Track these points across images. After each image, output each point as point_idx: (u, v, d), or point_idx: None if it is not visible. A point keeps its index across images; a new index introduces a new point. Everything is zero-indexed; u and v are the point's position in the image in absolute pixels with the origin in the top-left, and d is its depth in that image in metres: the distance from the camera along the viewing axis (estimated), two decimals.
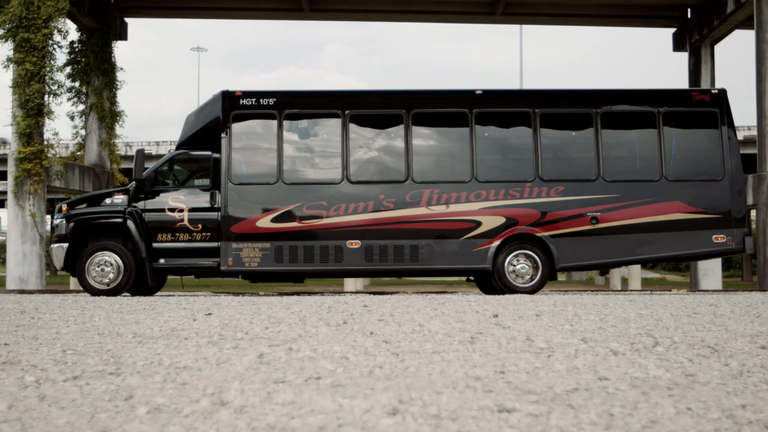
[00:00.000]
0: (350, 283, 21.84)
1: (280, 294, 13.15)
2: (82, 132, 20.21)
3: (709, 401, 2.71)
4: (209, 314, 6.41)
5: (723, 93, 11.78)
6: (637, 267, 23.86)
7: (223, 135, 11.35)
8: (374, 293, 13.33)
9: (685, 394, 2.85)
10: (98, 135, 19.95)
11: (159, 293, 12.86)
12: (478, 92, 11.59)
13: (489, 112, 11.57)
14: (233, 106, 11.39)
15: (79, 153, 20.28)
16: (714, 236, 11.29)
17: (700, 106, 11.61)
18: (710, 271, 19.66)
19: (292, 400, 2.74)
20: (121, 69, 19.79)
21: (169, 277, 14.35)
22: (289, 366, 3.51)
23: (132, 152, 32.01)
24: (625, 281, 27.14)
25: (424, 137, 11.61)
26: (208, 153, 11.54)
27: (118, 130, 20.17)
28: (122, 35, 20.38)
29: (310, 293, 13.47)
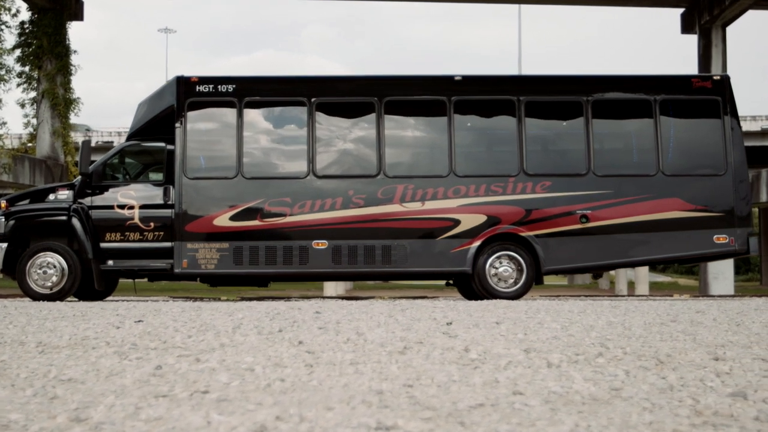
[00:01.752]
0: (330, 287, 21.82)
1: (243, 299, 13.15)
2: (34, 121, 20.19)
3: (617, 418, 2.71)
4: (139, 321, 6.41)
5: (726, 79, 11.77)
6: (645, 270, 23.90)
7: (177, 125, 11.32)
8: (349, 298, 13.34)
9: (597, 411, 2.84)
10: (51, 124, 19.92)
11: (110, 297, 12.83)
12: (457, 78, 11.57)
13: (469, 99, 11.55)
14: (189, 93, 11.36)
15: (30, 144, 20.26)
16: (715, 236, 11.29)
17: (701, 94, 11.60)
18: (721, 274, 19.69)
19: (160, 416, 2.73)
20: (76, 52, 19.78)
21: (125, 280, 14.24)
22: (182, 379, 3.50)
23: (92, 143, 32.03)
24: (632, 285, 27.17)
25: (398, 127, 11.60)
26: (162, 144, 11.51)
27: (72, 118, 20.15)
28: (78, 15, 20.31)
29: (280, 298, 13.47)
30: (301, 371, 3.70)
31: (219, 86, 11.41)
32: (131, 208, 11.23)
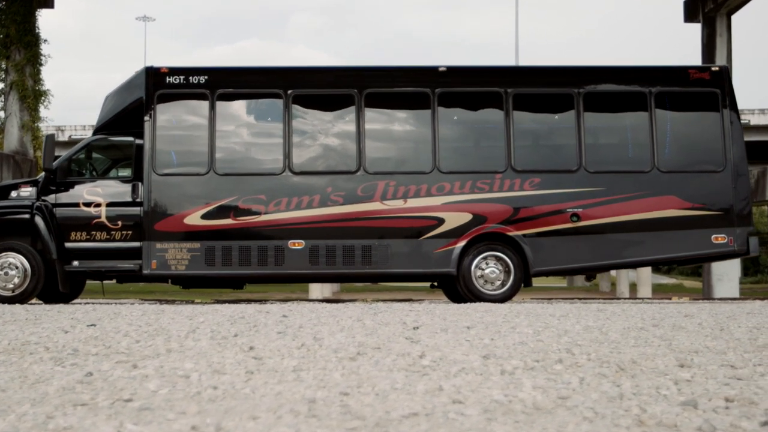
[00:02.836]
0: (316, 289, 21.82)
1: (217, 301, 13.13)
2: (1, 114, 20.15)
3: (552, 429, 2.70)
4: (92, 325, 6.40)
5: (724, 70, 11.77)
6: (647, 272, 23.93)
7: (146, 118, 11.28)
8: (330, 301, 13.33)
9: (535, 421, 2.84)
10: (19, 118, 19.87)
11: (78, 299, 12.80)
12: (441, 69, 11.55)
13: (454, 92, 11.53)
14: (158, 85, 11.33)
15: None
16: (713, 236, 11.28)
17: (698, 86, 11.59)
18: (726, 275, 19.70)
19: (70, 425, 2.72)
20: (46, 41, 19.76)
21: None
22: (110, 386, 3.49)
23: (64, 137, 32.03)
24: (634, 287, 27.20)
25: (379, 121, 11.58)
26: (130, 139, 11.49)
27: (42, 111, 20.15)
28: (48, 2, 20.24)
29: (258, 300, 13.45)
30: (238, 378, 3.70)
31: (190, 77, 11.38)
32: (98, 205, 11.20)
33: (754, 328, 6.25)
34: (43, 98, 19.93)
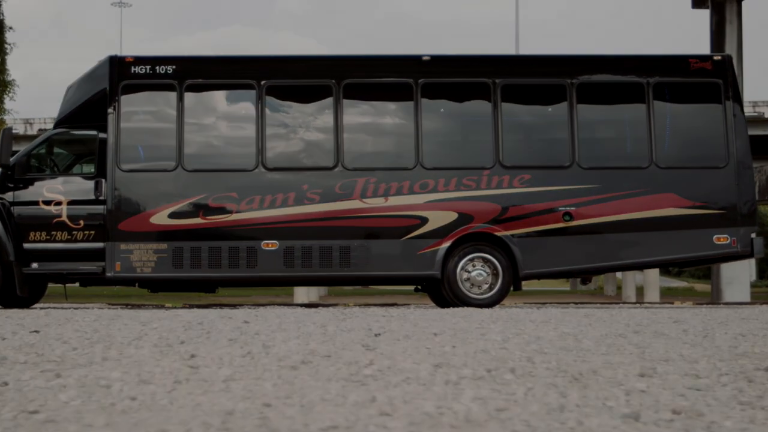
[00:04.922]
0: (301, 293, 21.85)
1: (190, 306, 13.16)
2: None
3: None
4: (35, 332, 6.40)
5: (728, 60, 11.78)
6: (655, 274, 23.95)
7: (110, 110, 11.29)
8: (308, 305, 13.35)
9: None
10: None
11: (39, 303, 12.80)
12: (424, 58, 11.56)
13: (438, 82, 11.54)
14: (123, 75, 11.34)
15: None
16: (715, 236, 11.29)
17: (700, 76, 11.59)
18: (736, 279, 19.71)
19: None
20: (11, 29, 19.79)
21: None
22: (21, 397, 3.49)
23: (33, 131, 32.02)
24: (641, 291, 27.21)
25: (359, 114, 11.61)
26: (93, 133, 11.51)
27: (8, 103, 20.16)
28: None
29: (233, 305, 13.47)
30: (162, 389, 3.69)
31: (157, 67, 11.39)
32: (58, 204, 11.21)
33: (739, 335, 6.25)
34: (8, 89, 19.97)
